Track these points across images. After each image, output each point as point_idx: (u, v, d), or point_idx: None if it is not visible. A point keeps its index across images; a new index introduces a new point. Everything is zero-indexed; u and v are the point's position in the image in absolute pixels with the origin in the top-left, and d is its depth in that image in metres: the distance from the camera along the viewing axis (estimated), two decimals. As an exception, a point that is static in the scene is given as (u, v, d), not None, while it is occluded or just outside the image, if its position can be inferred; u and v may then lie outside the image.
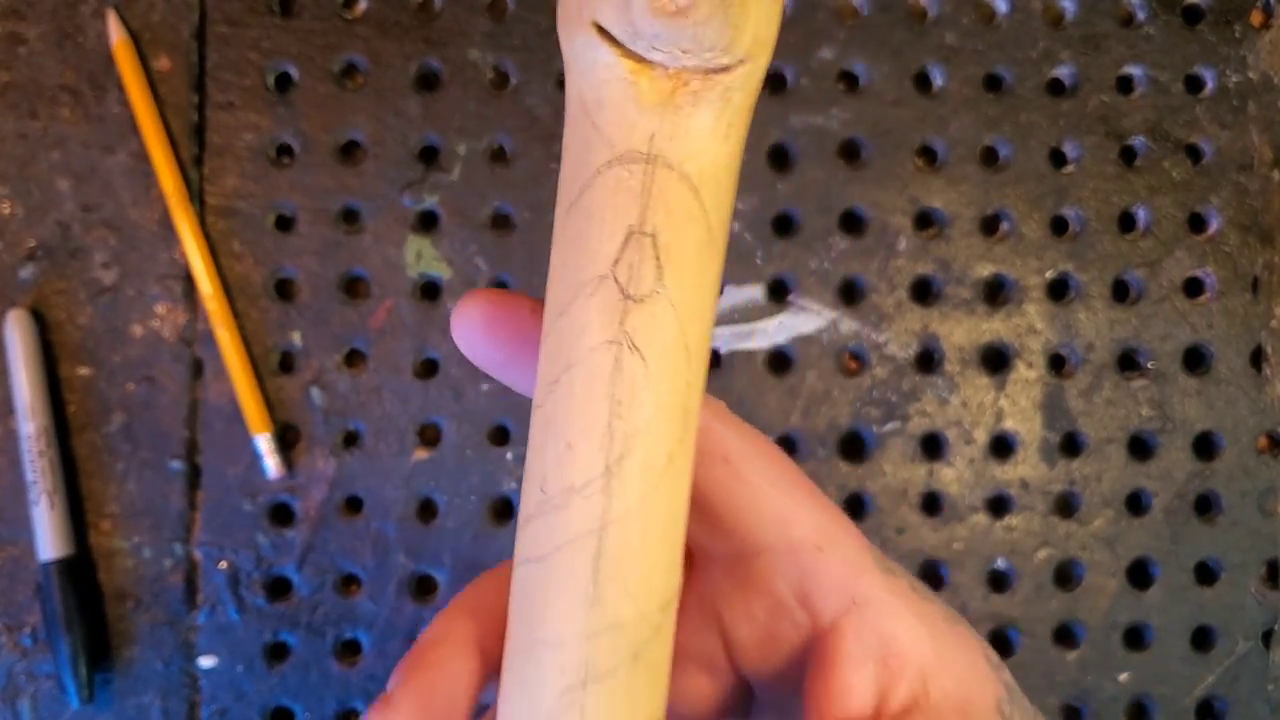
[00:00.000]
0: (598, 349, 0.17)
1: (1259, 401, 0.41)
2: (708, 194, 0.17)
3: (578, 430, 0.17)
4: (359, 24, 0.40)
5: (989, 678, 0.19)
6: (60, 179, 0.39)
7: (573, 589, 0.17)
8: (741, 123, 0.17)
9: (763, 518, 0.20)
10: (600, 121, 0.17)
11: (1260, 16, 0.41)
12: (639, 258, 0.17)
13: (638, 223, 0.17)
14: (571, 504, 0.17)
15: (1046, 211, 0.40)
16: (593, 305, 0.17)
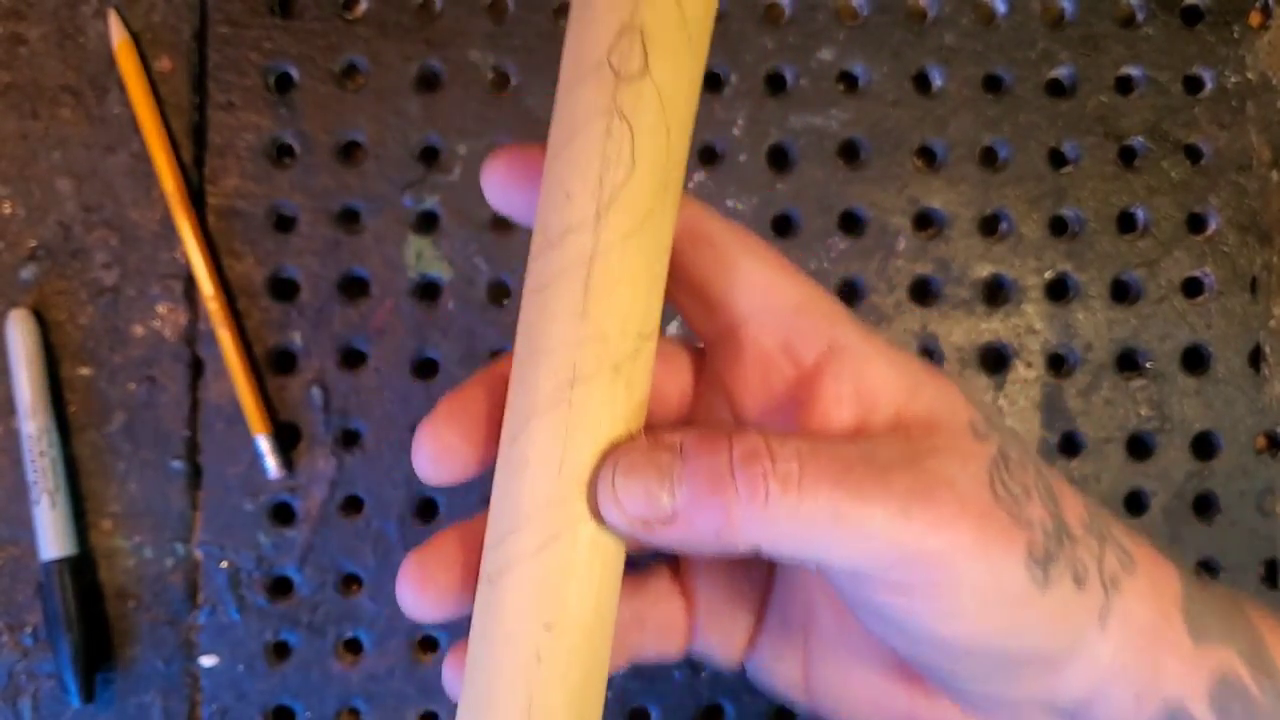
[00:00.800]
0: (594, 117, 0.20)
1: (1257, 401, 0.41)
2: (689, 3, 0.20)
3: (576, 182, 0.20)
4: (359, 25, 0.40)
5: (961, 404, 0.21)
6: (61, 179, 0.39)
7: (566, 306, 0.20)
8: None
9: (747, 288, 0.22)
10: None
11: (1259, 17, 0.41)
12: (630, 46, 0.20)
13: (629, 18, 0.20)
14: (567, 241, 0.20)
15: (1045, 212, 0.41)
16: (591, 83, 0.20)
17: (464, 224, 0.40)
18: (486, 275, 0.40)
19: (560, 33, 0.40)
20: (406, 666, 0.40)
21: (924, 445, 0.20)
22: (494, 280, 0.40)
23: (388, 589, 0.40)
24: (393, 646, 0.40)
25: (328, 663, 0.40)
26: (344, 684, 0.40)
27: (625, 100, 0.20)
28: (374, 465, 0.39)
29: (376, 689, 0.40)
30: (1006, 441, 0.21)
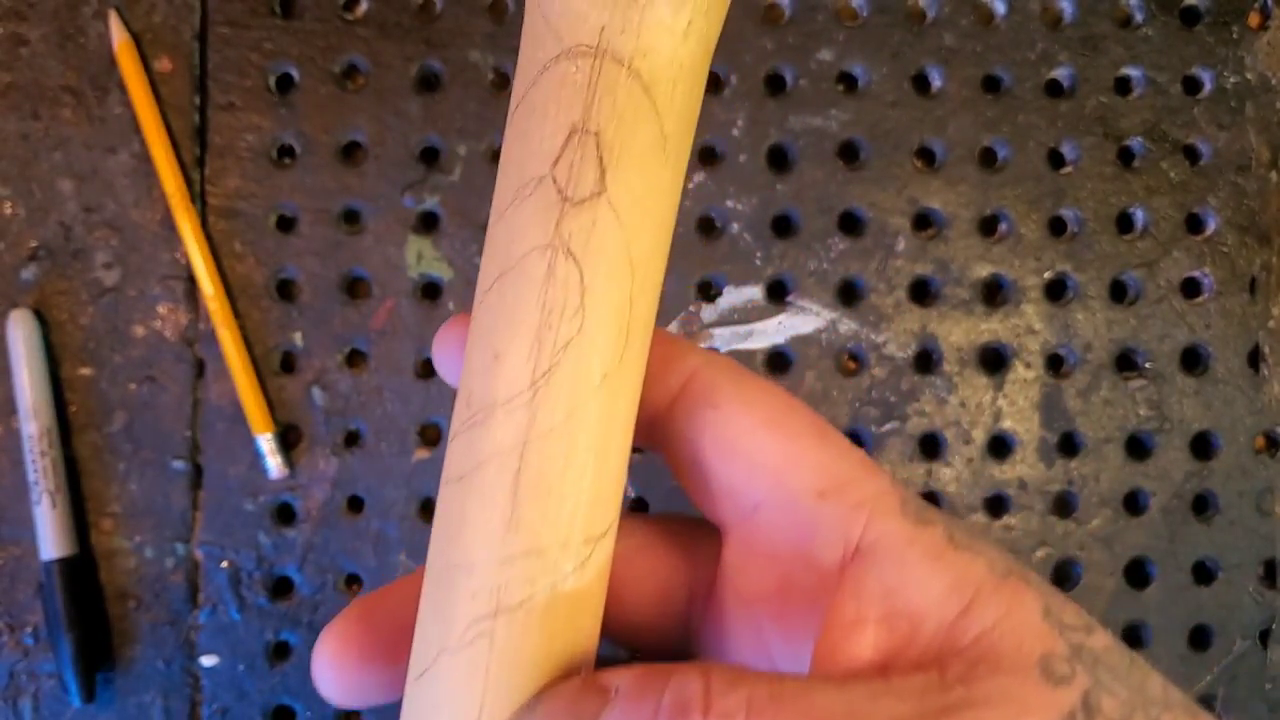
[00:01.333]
0: (531, 254, 0.16)
1: (1256, 401, 0.41)
2: (661, 94, 0.16)
3: (505, 339, 0.16)
4: (360, 25, 0.40)
5: (1037, 632, 0.15)
6: (62, 180, 0.39)
7: (490, 509, 0.15)
8: (705, 21, 0.16)
9: (756, 466, 0.17)
10: (550, 14, 0.16)
11: (1258, 18, 0.41)
12: (580, 157, 0.15)
13: (581, 120, 0.15)
14: (495, 418, 0.16)
15: (1045, 212, 0.41)
16: (529, 207, 0.16)
17: (464, 224, 0.40)
18: (487, 275, 0.40)
19: (560, 33, 0.40)
20: (407, 666, 0.40)
21: (965, 694, 0.15)
22: (494, 280, 0.40)
23: (388, 589, 0.40)
24: (393, 646, 0.40)
25: (328, 662, 0.40)
26: (344, 684, 0.40)
27: (573, 229, 0.15)
28: (375, 465, 0.40)
29: (377, 689, 0.40)
30: (1100, 681, 0.15)
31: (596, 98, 0.15)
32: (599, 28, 0.16)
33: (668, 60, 0.16)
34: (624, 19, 0.15)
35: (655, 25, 0.15)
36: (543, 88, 0.16)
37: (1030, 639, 0.15)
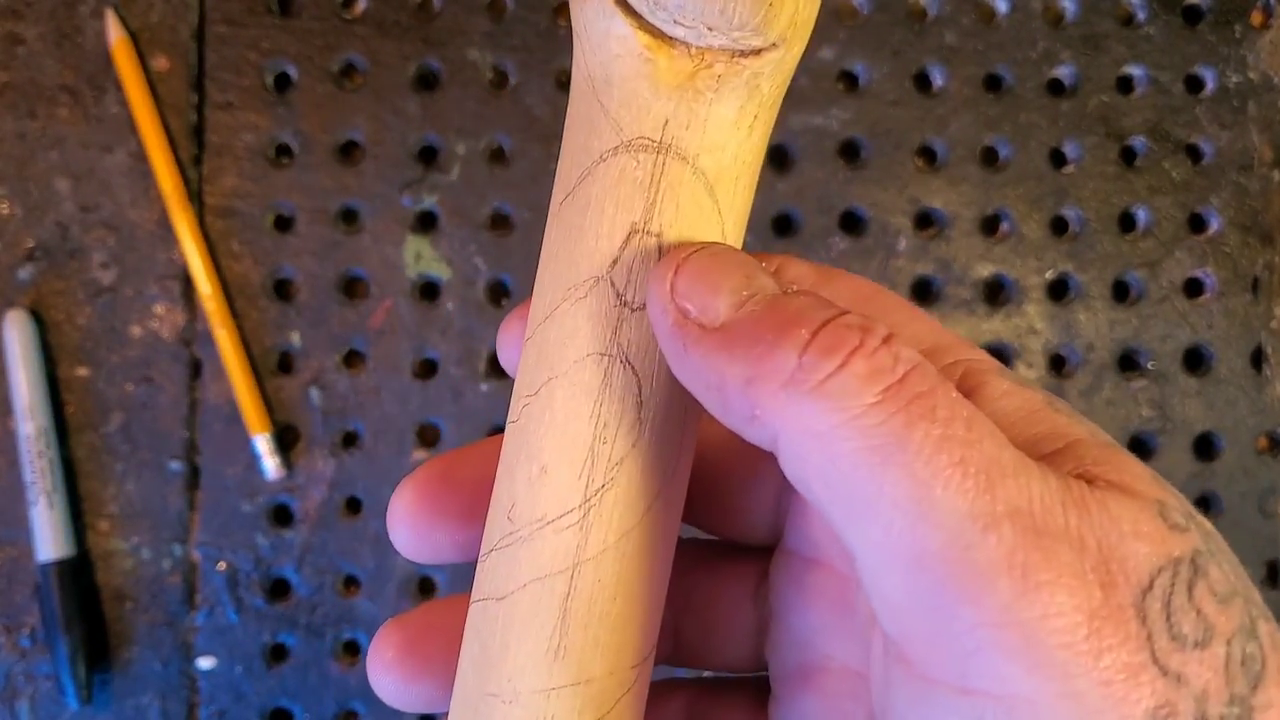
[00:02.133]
0: (585, 360, 0.15)
1: (1259, 402, 0.41)
2: (724, 193, 0.15)
3: (555, 452, 0.15)
4: (358, 24, 0.40)
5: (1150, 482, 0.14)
6: (59, 179, 0.39)
7: (535, 636, 0.14)
8: (767, 116, 0.15)
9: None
10: (608, 102, 0.15)
11: (1260, 16, 0.41)
12: (640, 260, 0.14)
13: (641, 220, 0.14)
14: (542, 537, 0.15)
15: (1046, 212, 0.40)
16: (583, 310, 0.15)
17: (463, 224, 0.40)
18: (485, 275, 0.40)
19: (560, 32, 0.40)
20: (405, 668, 0.40)
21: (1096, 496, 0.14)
22: (493, 280, 0.40)
23: (386, 590, 0.40)
24: (391, 648, 0.40)
25: (326, 664, 0.39)
26: (342, 686, 0.39)
27: (632, 337, 0.15)
28: (373, 466, 0.39)
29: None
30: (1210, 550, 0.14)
31: (659, 197, 0.14)
32: (663, 121, 0.14)
33: (731, 157, 0.15)
34: (690, 113, 0.14)
35: (721, 121, 0.15)
36: (598, 181, 0.15)
37: (1140, 482, 0.14)
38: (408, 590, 0.40)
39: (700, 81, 0.14)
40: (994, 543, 0.12)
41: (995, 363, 0.16)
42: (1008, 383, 0.15)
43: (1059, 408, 0.15)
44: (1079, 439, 0.15)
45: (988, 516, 0.13)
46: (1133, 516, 0.13)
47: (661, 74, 0.14)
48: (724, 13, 0.14)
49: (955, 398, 0.13)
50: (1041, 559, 0.12)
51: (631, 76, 0.14)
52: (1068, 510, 0.13)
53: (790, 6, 0.14)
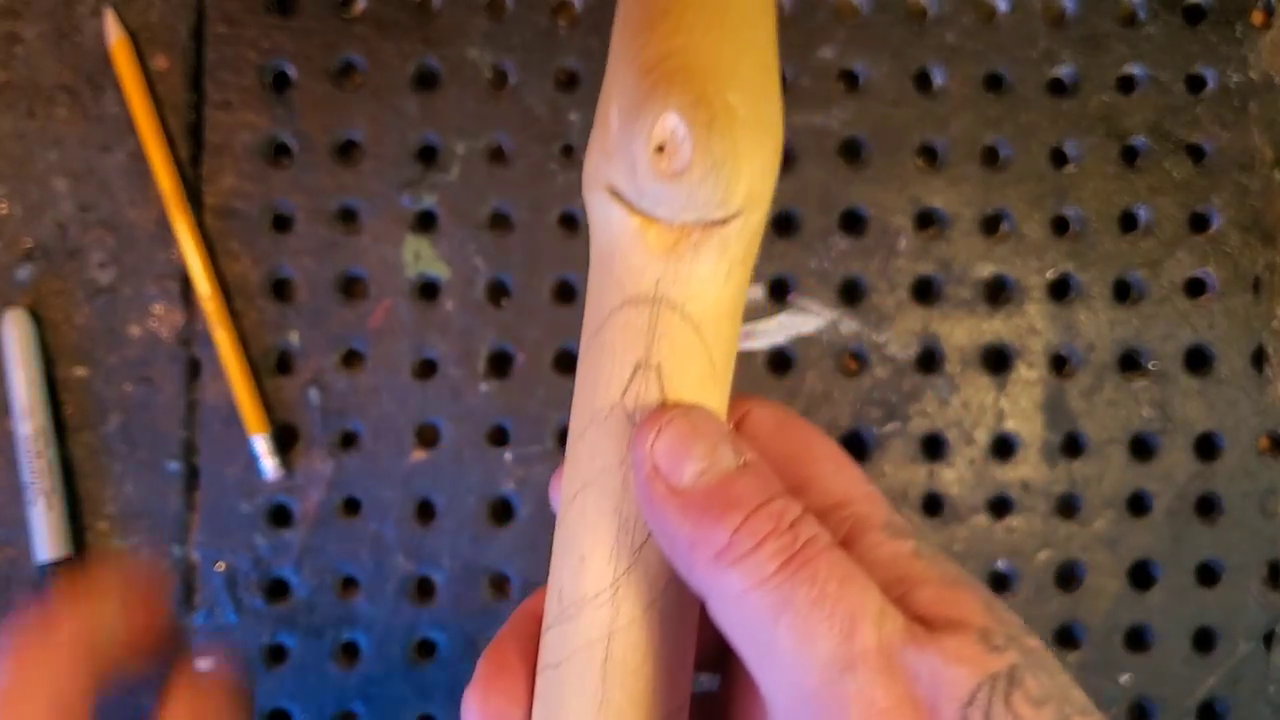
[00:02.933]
0: (609, 470, 0.19)
1: (1260, 402, 0.40)
2: (709, 331, 0.19)
3: (590, 544, 0.19)
4: (357, 23, 0.40)
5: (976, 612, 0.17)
6: (57, 178, 0.39)
7: (583, 694, 0.18)
8: (742, 266, 0.19)
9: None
10: (614, 268, 0.19)
11: (1261, 16, 0.41)
12: (645, 387, 0.19)
13: (644, 357, 0.19)
14: (584, 613, 0.18)
15: (1047, 211, 0.40)
16: (604, 430, 0.19)
17: (462, 223, 0.40)
18: (485, 275, 0.40)
19: (559, 32, 0.40)
20: (404, 669, 0.39)
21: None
22: (492, 280, 0.40)
23: (385, 591, 0.39)
24: (390, 649, 0.39)
25: (325, 665, 0.39)
26: (341, 686, 0.39)
27: None
28: (372, 466, 0.39)
29: (374, 692, 0.39)
30: (1029, 664, 0.17)
31: (656, 338, 0.19)
32: (655, 280, 0.19)
33: (713, 302, 0.19)
34: (676, 272, 0.19)
35: (701, 276, 0.19)
36: (610, 329, 0.19)
37: (970, 615, 0.17)
38: (406, 591, 0.39)
39: (682, 248, 0.18)
40: (850, 680, 0.16)
41: (882, 515, 0.20)
42: (883, 535, 0.19)
43: (922, 553, 0.19)
44: (927, 581, 0.18)
45: (846, 659, 0.16)
46: (957, 645, 0.16)
47: (651, 244, 0.18)
48: (691, 197, 0.18)
49: (835, 559, 0.17)
50: (884, 692, 0.16)
51: (629, 248, 0.19)
52: (907, 648, 0.16)
53: (745, 186, 0.18)
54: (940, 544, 0.40)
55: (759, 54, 0.19)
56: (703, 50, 0.18)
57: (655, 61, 0.18)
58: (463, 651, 0.40)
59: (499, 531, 0.40)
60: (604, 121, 0.19)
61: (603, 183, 0.19)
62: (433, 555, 0.40)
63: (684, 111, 0.17)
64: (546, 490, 0.40)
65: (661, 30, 0.18)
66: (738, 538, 0.17)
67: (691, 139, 0.17)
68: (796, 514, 0.18)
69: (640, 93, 0.18)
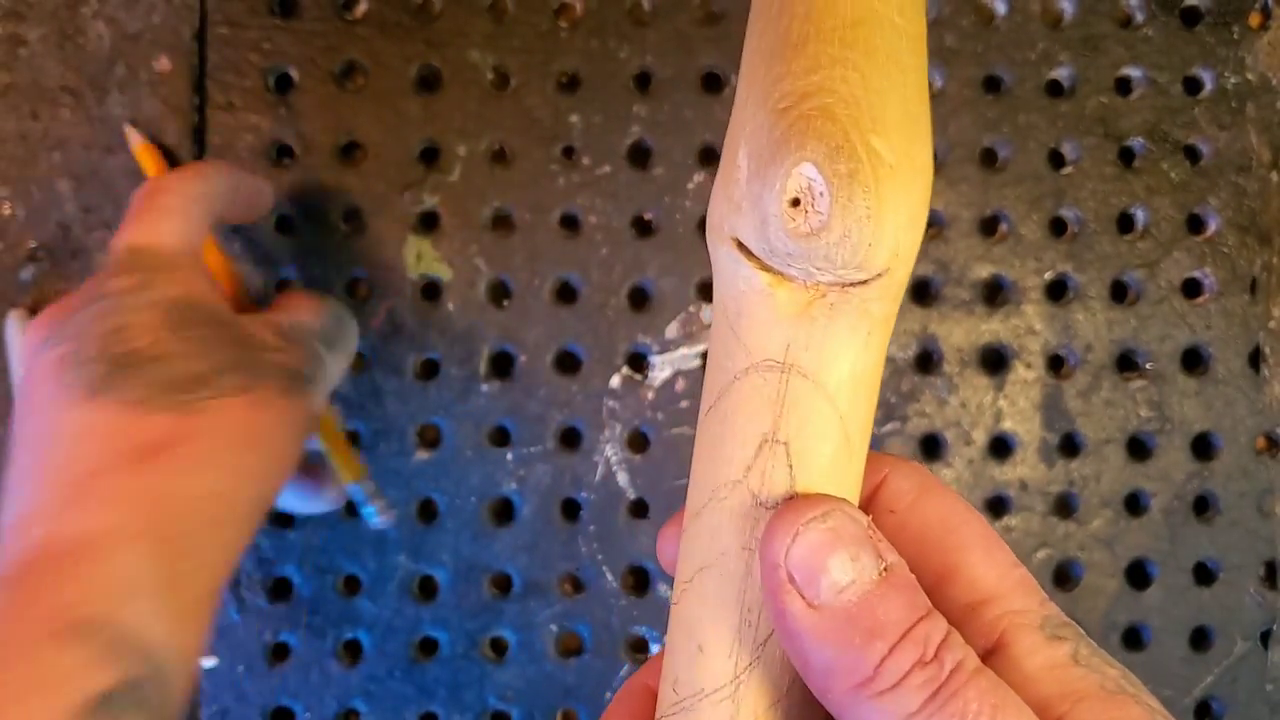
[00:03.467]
0: (730, 553, 0.17)
1: (1257, 402, 0.41)
2: (844, 402, 0.17)
3: (709, 633, 0.17)
4: (359, 25, 0.40)
5: None
6: (61, 180, 0.39)
7: None
8: (883, 328, 0.18)
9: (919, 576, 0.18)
10: (740, 329, 0.17)
11: (1259, 18, 0.41)
12: (771, 465, 0.17)
13: (771, 430, 0.17)
14: (701, 708, 0.17)
15: (1045, 212, 0.41)
16: (725, 509, 0.17)
17: (464, 224, 0.40)
18: (486, 276, 0.40)
19: (559, 34, 0.40)
20: (406, 668, 0.40)
21: None
22: (494, 281, 0.40)
23: (387, 590, 0.40)
24: (392, 648, 0.40)
25: (327, 664, 0.39)
26: (343, 685, 0.39)
27: None
28: (374, 466, 0.39)
29: (376, 690, 0.40)
30: None
31: (785, 409, 0.17)
32: (785, 344, 0.17)
33: (849, 370, 0.17)
34: (808, 336, 0.17)
35: (837, 341, 0.17)
36: (733, 397, 0.17)
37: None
38: (408, 590, 0.40)
39: (815, 310, 0.17)
40: None
41: (1036, 611, 0.19)
42: (1039, 638, 0.18)
43: (1080, 658, 0.18)
44: (1087, 695, 0.17)
45: None
46: None
47: (781, 305, 0.17)
48: (829, 258, 0.16)
49: (984, 687, 0.16)
50: None
51: (757, 308, 0.17)
52: None
53: (890, 243, 0.16)
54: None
55: (908, 91, 0.17)
56: (845, 89, 0.16)
57: (791, 102, 0.16)
58: (464, 650, 0.40)
59: (500, 531, 0.40)
60: (731, 164, 0.17)
61: (728, 234, 0.17)
62: (434, 554, 0.40)
63: (822, 162, 0.16)
64: (547, 490, 0.40)
65: (799, 64, 0.16)
66: (882, 669, 0.16)
67: (830, 193, 0.16)
68: (943, 635, 0.16)
69: (773, 138, 0.16)
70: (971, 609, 0.18)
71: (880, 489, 0.20)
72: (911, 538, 0.19)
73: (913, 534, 0.19)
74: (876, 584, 0.16)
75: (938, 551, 0.19)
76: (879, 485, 0.20)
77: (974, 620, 0.18)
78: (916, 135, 0.17)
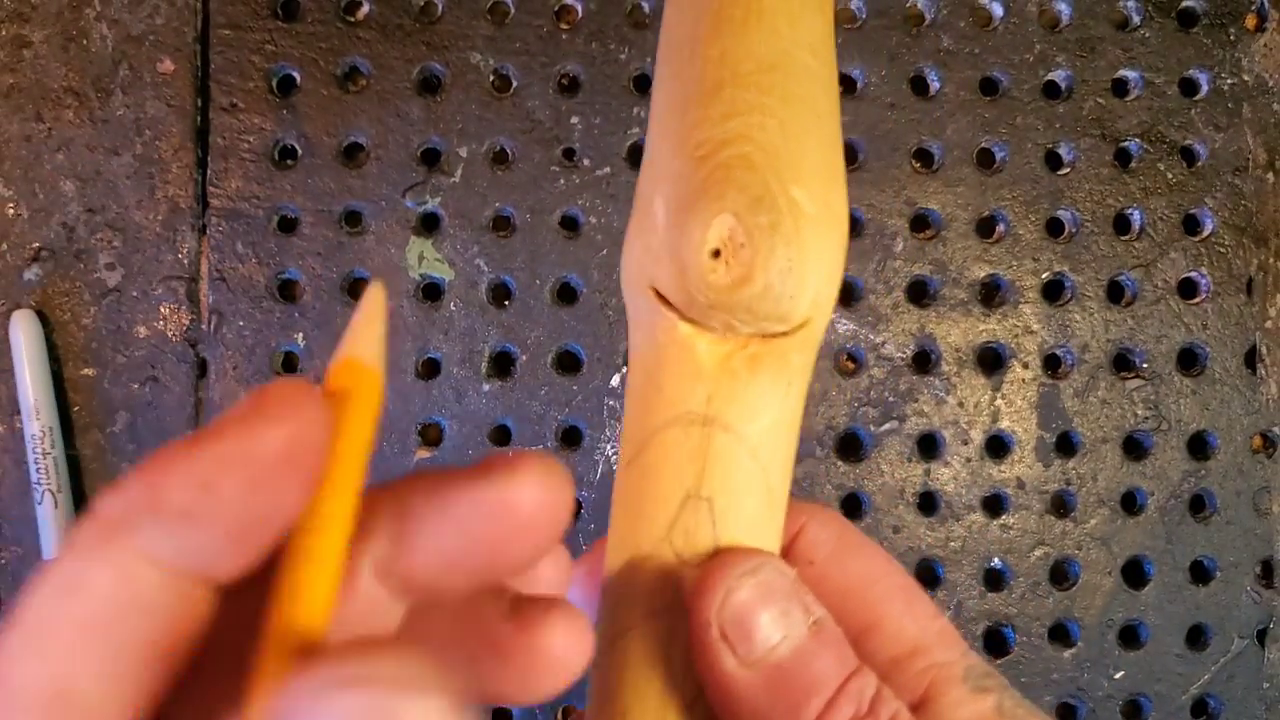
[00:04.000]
0: (653, 615, 0.16)
1: (1253, 402, 0.41)
2: (766, 453, 0.16)
3: (633, 699, 0.17)
4: (361, 27, 0.40)
5: None
6: (65, 181, 0.40)
7: None
8: (802, 380, 0.17)
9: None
10: (660, 381, 0.17)
11: (1255, 20, 0.41)
12: (695, 522, 0.16)
13: (694, 486, 0.16)
14: None
15: (1042, 213, 0.41)
16: (649, 568, 0.16)
17: (465, 226, 0.40)
18: (488, 277, 0.40)
19: (560, 36, 0.40)
20: (408, 665, 0.40)
21: None
22: (495, 281, 0.40)
23: (389, 588, 0.40)
24: (394, 645, 0.40)
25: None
26: (345, 682, 0.40)
27: None
28: (376, 466, 0.40)
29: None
30: None
31: (708, 465, 0.16)
32: (707, 397, 0.16)
33: (772, 422, 0.16)
34: (730, 389, 0.16)
35: (759, 392, 0.16)
36: (654, 451, 0.17)
37: None
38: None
39: (736, 361, 0.16)
40: None
41: (959, 662, 0.19)
42: (964, 690, 0.18)
43: (1004, 710, 0.18)
44: None
45: None
46: None
47: (702, 357, 0.16)
48: (750, 310, 0.16)
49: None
50: None
51: (677, 359, 0.16)
52: None
53: (810, 293, 0.16)
54: (936, 542, 0.40)
55: (825, 138, 0.17)
56: (763, 137, 0.16)
57: (709, 150, 0.16)
58: (465, 648, 0.40)
59: (501, 529, 0.40)
60: (647, 210, 0.17)
61: (647, 284, 0.16)
62: (435, 553, 0.40)
63: (743, 213, 0.15)
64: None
65: (715, 110, 0.16)
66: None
67: (751, 245, 0.15)
68: (875, 689, 0.16)
69: (692, 187, 0.16)
70: (896, 662, 0.18)
71: (798, 539, 0.19)
72: (833, 589, 0.19)
73: (834, 586, 0.19)
74: (807, 639, 0.16)
75: (859, 604, 0.19)
76: (796, 535, 0.19)
77: (899, 674, 0.18)
78: (834, 183, 0.16)
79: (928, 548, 0.40)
